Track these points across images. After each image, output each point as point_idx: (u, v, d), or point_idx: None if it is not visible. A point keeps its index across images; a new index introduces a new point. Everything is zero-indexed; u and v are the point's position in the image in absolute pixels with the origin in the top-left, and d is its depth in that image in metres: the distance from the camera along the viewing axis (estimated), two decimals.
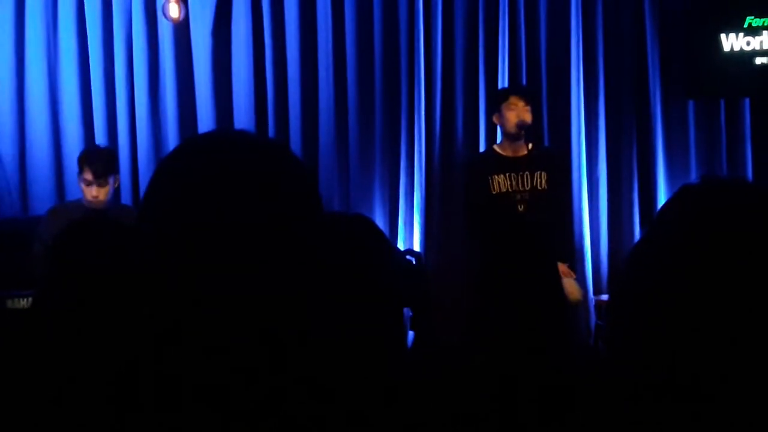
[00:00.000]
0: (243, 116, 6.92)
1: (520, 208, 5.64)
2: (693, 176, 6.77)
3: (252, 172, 1.21)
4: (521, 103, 5.65)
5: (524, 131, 5.65)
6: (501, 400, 2.09)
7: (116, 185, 5.61)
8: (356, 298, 1.62)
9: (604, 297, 6.62)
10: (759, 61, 6.66)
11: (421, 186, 6.92)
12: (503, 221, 5.56)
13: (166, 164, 1.27)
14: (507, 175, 5.69)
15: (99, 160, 5.39)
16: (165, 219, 1.21)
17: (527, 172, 5.69)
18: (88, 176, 5.34)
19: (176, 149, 1.29)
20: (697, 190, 1.25)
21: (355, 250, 1.68)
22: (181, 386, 1.16)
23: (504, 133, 5.82)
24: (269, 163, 1.23)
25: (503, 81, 6.82)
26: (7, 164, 6.84)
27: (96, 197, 5.35)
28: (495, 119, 5.85)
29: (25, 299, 4.48)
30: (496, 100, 5.89)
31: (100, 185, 5.37)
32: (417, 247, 6.82)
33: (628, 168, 6.95)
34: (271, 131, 6.92)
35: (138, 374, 1.18)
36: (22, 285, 4.56)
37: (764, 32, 6.63)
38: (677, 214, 1.23)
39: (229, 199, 1.18)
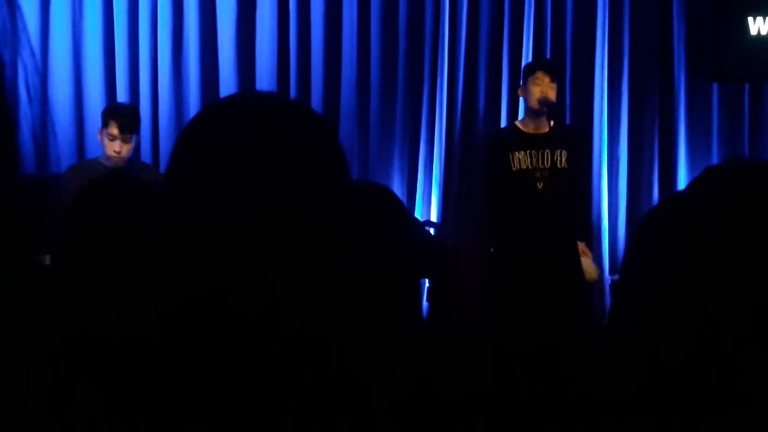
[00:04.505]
0: (265, 80, 6.91)
1: (540, 185, 5.63)
2: (714, 159, 6.73)
3: (277, 135, 1.20)
4: (547, 80, 5.62)
5: (547, 108, 5.63)
6: (513, 376, 2.09)
7: (137, 144, 5.62)
8: (375, 266, 1.62)
9: None
10: None
11: (440, 159, 6.90)
12: (522, 198, 5.55)
13: (189, 130, 1.26)
14: (527, 152, 5.67)
15: (125, 115, 5.40)
16: (188, 184, 1.21)
17: (548, 150, 5.67)
18: (114, 130, 5.34)
19: (199, 114, 1.28)
20: (722, 172, 1.24)
21: (376, 218, 1.68)
22: (195, 356, 1.16)
23: (526, 108, 5.80)
24: (295, 126, 1.23)
25: (527, 57, 6.78)
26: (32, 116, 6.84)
27: (119, 153, 5.36)
28: (520, 92, 5.85)
29: (45, 256, 4.48)
30: (524, 72, 5.87)
31: (124, 141, 5.38)
32: (434, 220, 6.81)
33: (649, 149, 6.91)
34: (292, 97, 6.89)
35: (152, 341, 1.18)
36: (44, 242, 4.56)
37: None
38: (701, 195, 1.22)
39: (253, 164, 1.18)
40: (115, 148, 5.36)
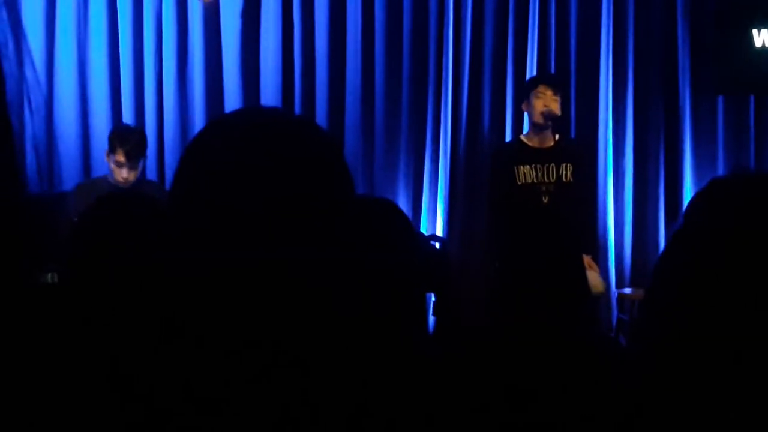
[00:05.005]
0: (270, 96, 6.93)
1: (545, 199, 5.62)
2: (720, 171, 6.73)
3: (282, 150, 1.21)
4: (549, 93, 5.62)
5: (551, 122, 5.63)
6: (520, 389, 2.09)
7: (143, 165, 5.63)
8: (379, 280, 1.62)
9: (627, 290, 6.60)
10: None
11: (445, 173, 6.91)
12: (528, 212, 5.54)
13: (194, 145, 1.26)
14: (532, 166, 5.67)
15: (132, 142, 5.38)
16: (193, 199, 1.21)
17: (553, 164, 5.66)
18: (121, 158, 5.34)
19: (204, 129, 1.28)
20: (727, 183, 1.24)
21: (381, 232, 1.68)
22: (198, 371, 1.16)
23: (531, 122, 5.80)
24: (300, 140, 1.23)
25: (531, 71, 6.79)
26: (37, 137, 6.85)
27: (126, 179, 5.36)
28: (523, 107, 5.85)
29: (50, 274, 4.49)
30: (526, 87, 5.87)
31: (131, 167, 5.37)
32: (439, 234, 6.81)
33: (654, 162, 6.91)
34: (297, 112, 6.90)
35: (154, 361, 1.18)
36: (49, 261, 4.57)
37: None
38: (707, 207, 1.22)
39: (257, 180, 1.18)
40: (123, 174, 5.36)
